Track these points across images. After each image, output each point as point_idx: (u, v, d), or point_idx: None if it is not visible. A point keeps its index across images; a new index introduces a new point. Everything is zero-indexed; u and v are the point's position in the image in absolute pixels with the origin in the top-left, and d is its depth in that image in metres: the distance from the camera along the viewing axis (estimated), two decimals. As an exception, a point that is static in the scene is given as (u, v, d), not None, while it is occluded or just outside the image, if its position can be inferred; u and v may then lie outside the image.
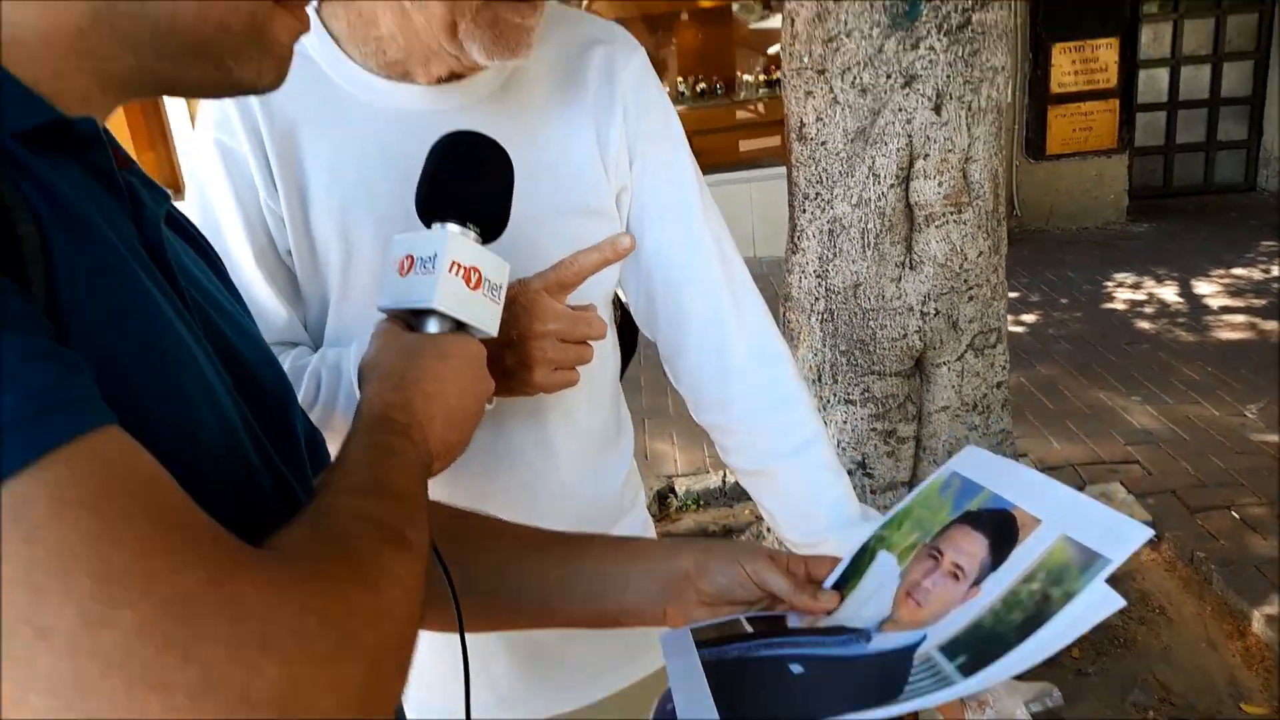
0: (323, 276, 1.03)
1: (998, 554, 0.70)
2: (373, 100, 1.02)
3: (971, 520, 0.75)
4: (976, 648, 0.64)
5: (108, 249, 0.53)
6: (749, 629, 0.80)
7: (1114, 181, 7.25)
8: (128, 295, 0.53)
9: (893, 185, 2.36)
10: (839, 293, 2.50)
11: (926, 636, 0.68)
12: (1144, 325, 5.28)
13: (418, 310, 0.81)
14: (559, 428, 1.14)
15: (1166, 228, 7.18)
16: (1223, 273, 6.01)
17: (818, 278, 2.54)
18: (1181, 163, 7.92)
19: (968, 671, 0.62)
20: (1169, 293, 5.77)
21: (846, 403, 2.60)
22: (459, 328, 0.82)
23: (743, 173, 7.12)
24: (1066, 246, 6.91)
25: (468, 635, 0.78)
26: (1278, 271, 5.92)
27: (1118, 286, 5.98)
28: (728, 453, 1.21)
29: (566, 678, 1.20)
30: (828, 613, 0.81)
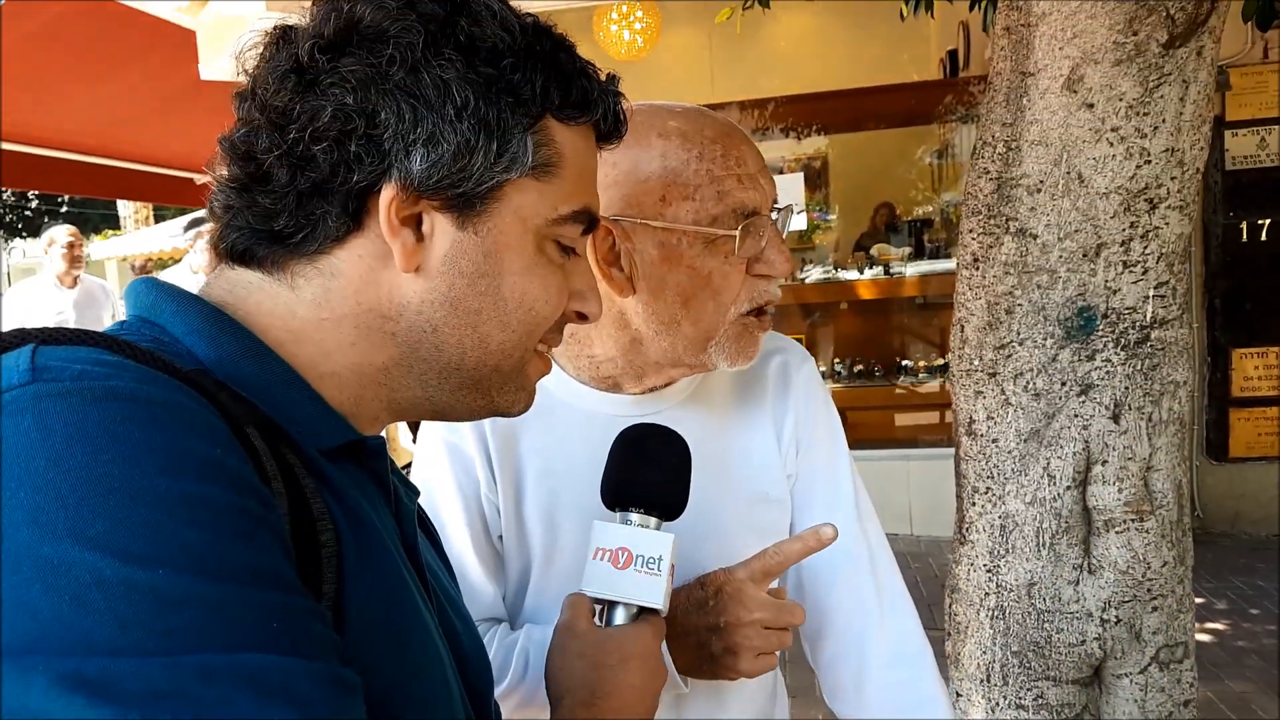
0: (527, 559, 1.16)
1: None
2: (583, 406, 1.18)
3: None
4: None
5: (384, 552, 0.63)
6: None
7: (1305, 486, 6.85)
8: (397, 600, 0.63)
9: (1069, 487, 2.36)
10: (1011, 590, 2.45)
11: None
12: (1349, 646, 4.82)
13: (631, 604, 0.88)
14: (733, 697, 1.20)
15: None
16: None
17: (988, 572, 2.50)
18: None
19: None
20: (1376, 612, 5.28)
21: (1018, 707, 2.48)
22: (641, 610, 0.88)
23: (901, 450, 7.10)
24: (1255, 553, 6.47)
25: None
26: None
27: (1315, 600, 5.51)
28: None
29: None
30: None
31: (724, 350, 1.10)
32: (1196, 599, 2.66)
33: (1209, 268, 6.42)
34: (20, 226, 16.63)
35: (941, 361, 6.65)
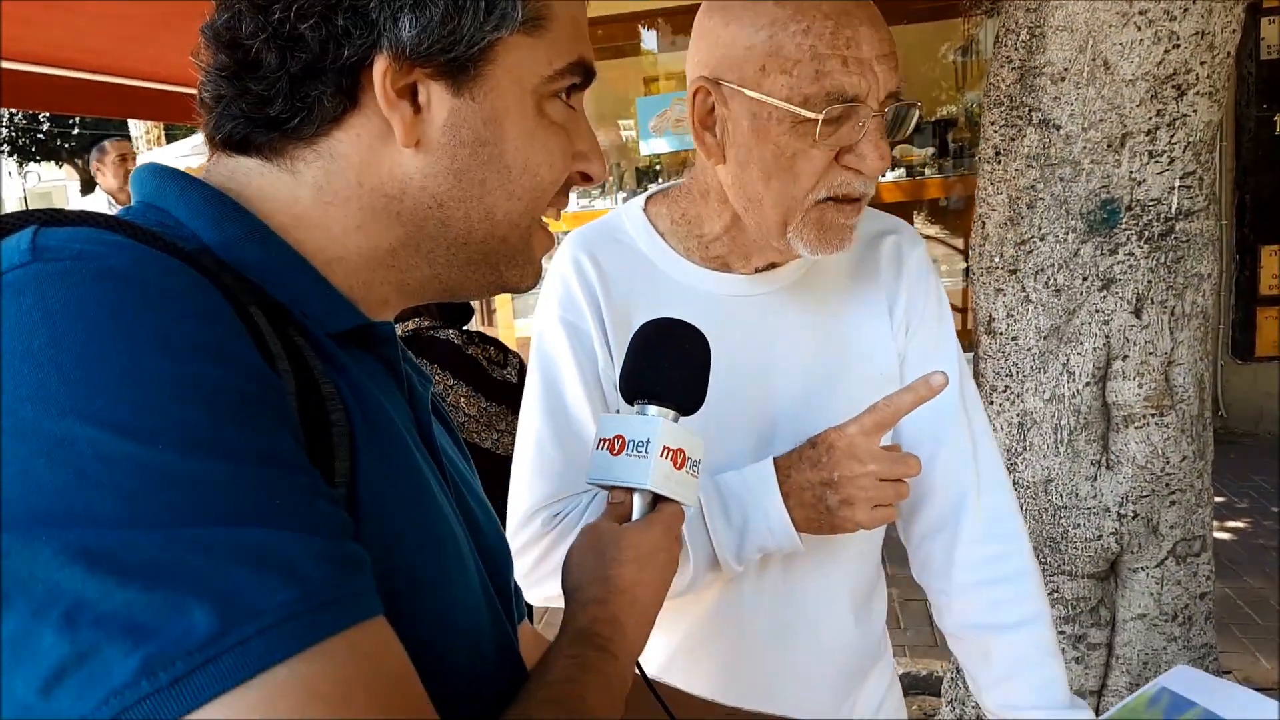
0: None
1: None
2: (694, 285, 1.18)
3: None
4: None
5: (398, 437, 0.63)
6: None
7: (1330, 385, 6.80)
8: (412, 482, 0.63)
9: (1088, 384, 2.35)
10: (1028, 487, 2.46)
11: None
12: (1369, 541, 4.83)
13: (627, 487, 0.88)
14: (843, 570, 1.24)
15: (1393, 437, 6.62)
16: None
17: (1005, 470, 2.51)
18: None
19: None
20: (1398, 508, 5.28)
21: (1035, 602, 2.51)
22: (657, 499, 0.88)
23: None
24: (1277, 452, 6.47)
25: None
26: None
27: (1336, 498, 5.52)
28: (942, 615, 1.25)
29: None
30: None
31: (801, 236, 1.08)
32: (1218, 498, 2.68)
33: (1240, 162, 6.27)
34: (34, 150, 16.61)
35: (964, 266, 6.58)
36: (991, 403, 2.51)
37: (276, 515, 0.47)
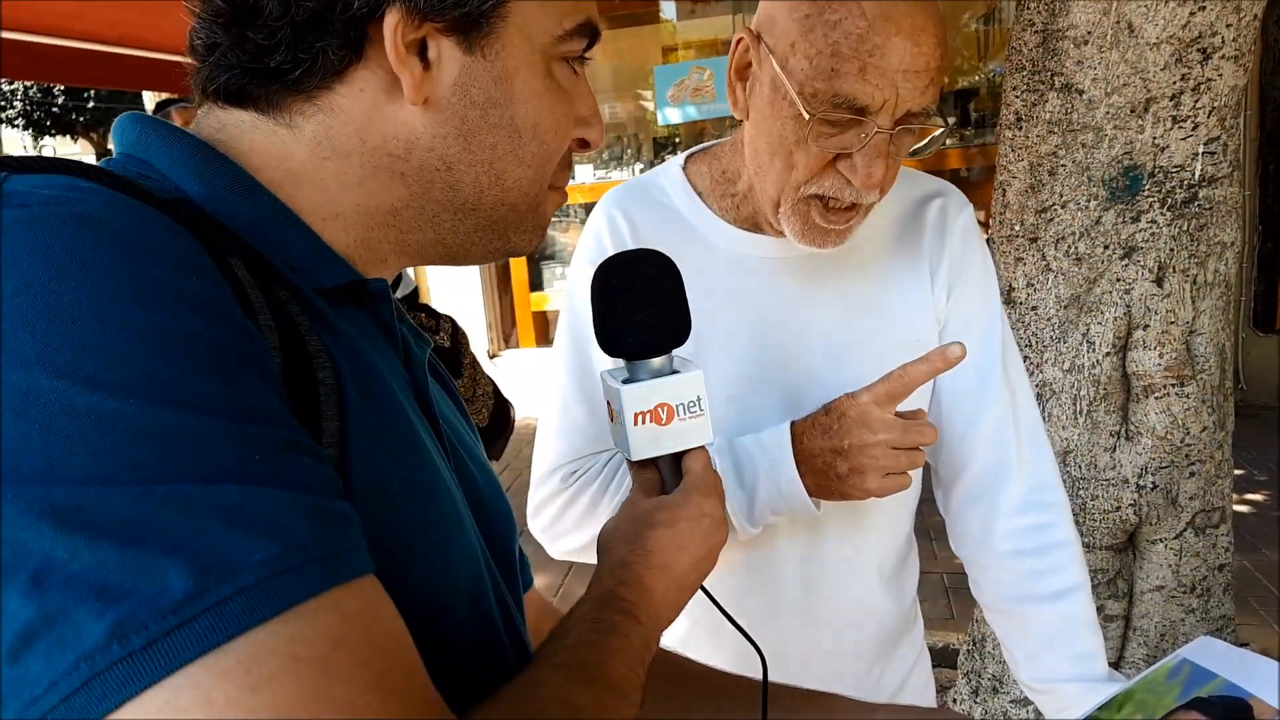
0: None
1: None
2: (728, 246, 1.16)
3: (1201, 706, 0.73)
4: None
5: (391, 397, 0.61)
6: None
7: (1353, 358, 6.72)
8: (406, 443, 0.61)
9: (1109, 353, 2.32)
10: (1047, 459, 2.44)
11: None
12: (1390, 516, 4.79)
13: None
14: (871, 541, 1.21)
15: None
16: None
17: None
18: None
19: None
20: None
21: (1052, 573, 2.50)
22: (679, 454, 0.82)
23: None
24: (1298, 425, 6.41)
25: None
26: None
27: (1358, 471, 5.47)
28: (980, 588, 1.23)
29: None
30: None
31: (788, 222, 1.06)
32: (1237, 470, 2.65)
33: (1264, 131, 6.17)
34: (49, 123, 16.59)
35: (985, 237, 6.53)
36: (1010, 373, 2.49)
37: (256, 471, 0.45)
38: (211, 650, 0.40)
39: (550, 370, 1.21)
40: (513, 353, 7.73)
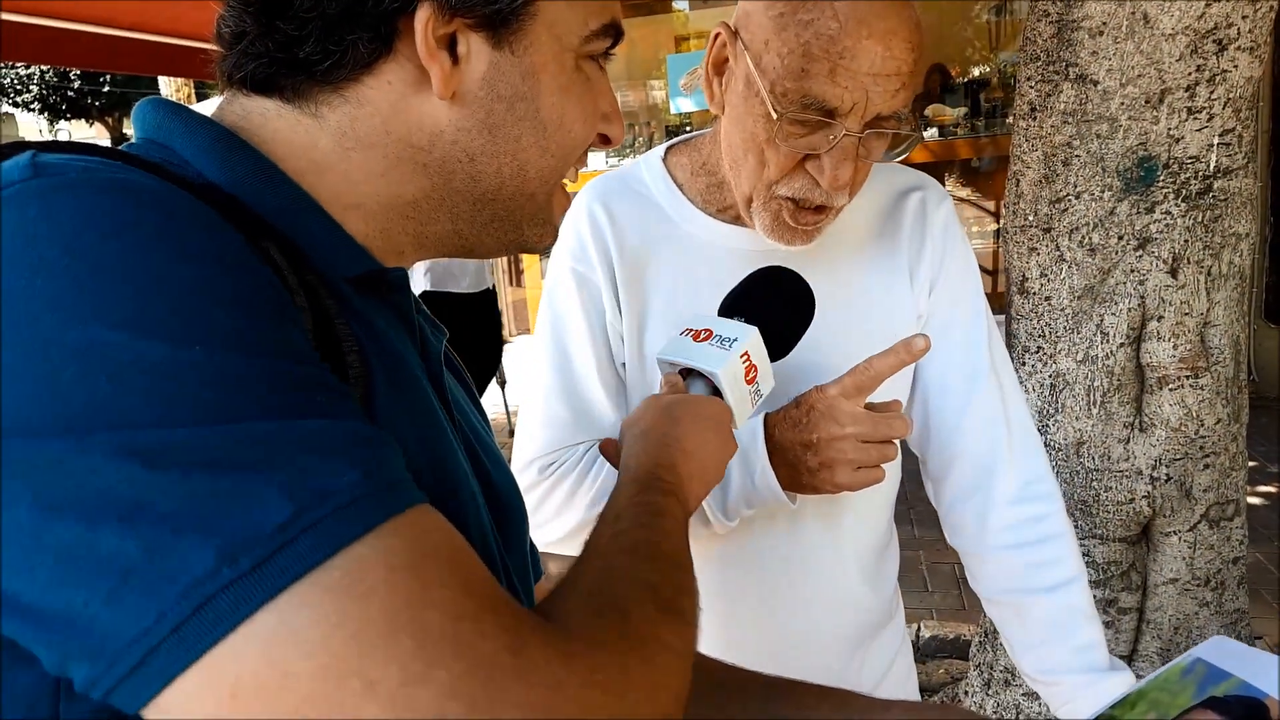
0: (649, 384, 1.17)
1: None
2: (707, 238, 1.16)
3: (1216, 706, 0.73)
4: None
5: (411, 379, 0.62)
6: None
7: (1366, 351, 6.67)
8: (425, 422, 0.62)
9: (1122, 345, 2.32)
10: (1060, 449, 2.44)
11: None
12: (1404, 509, 4.77)
13: (693, 370, 0.91)
14: (850, 531, 1.22)
15: None
16: None
17: (1037, 432, 2.48)
18: None
19: None
20: None
21: (1063, 565, 2.50)
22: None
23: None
24: (1311, 417, 6.37)
25: None
26: None
27: (1372, 464, 5.44)
28: (977, 579, 1.23)
29: None
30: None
31: (760, 218, 1.07)
32: (1250, 462, 2.64)
33: (1277, 123, 6.12)
34: (64, 108, 16.65)
35: (995, 227, 6.49)
36: (1024, 364, 2.48)
37: (324, 407, 0.46)
38: (315, 567, 0.41)
39: (534, 364, 1.22)
40: (524, 338, 7.76)
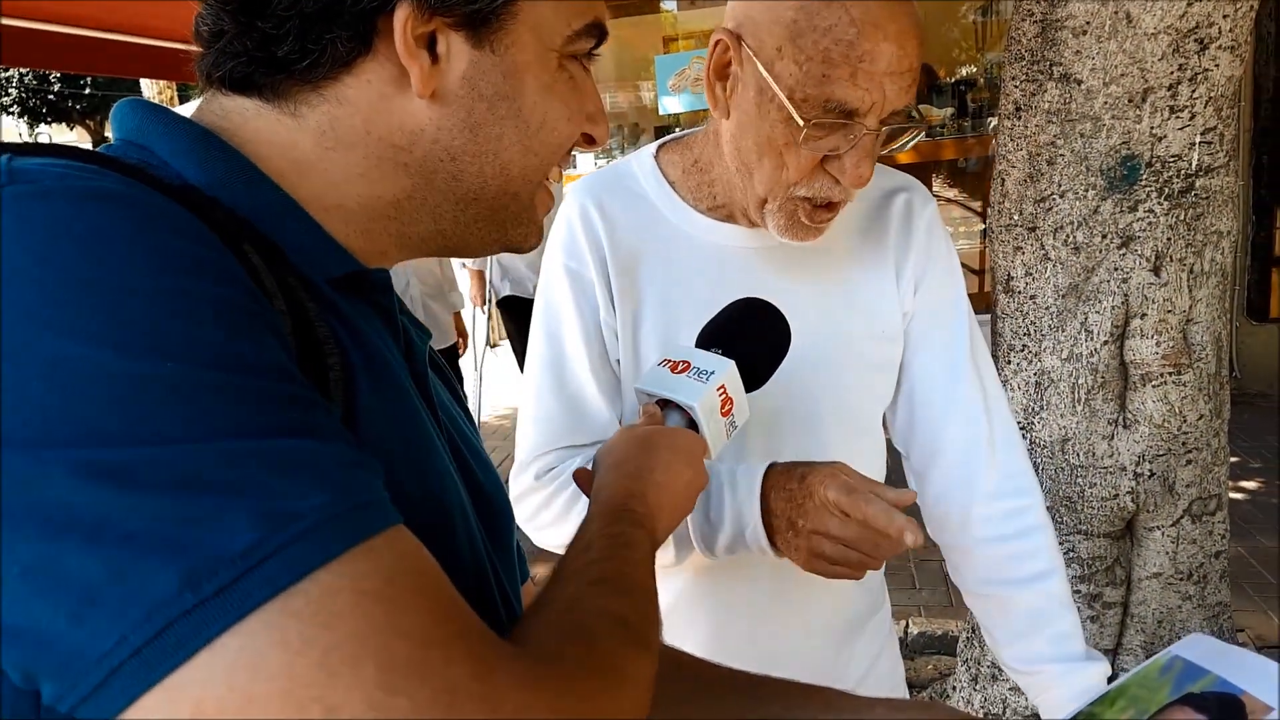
0: None
1: None
2: (700, 236, 1.17)
3: (1193, 702, 0.73)
4: None
5: (394, 380, 0.62)
6: None
7: (1347, 348, 6.74)
8: (409, 423, 0.62)
9: (1106, 342, 2.34)
10: (1045, 446, 2.46)
11: None
12: (1383, 503, 4.82)
13: (670, 402, 0.93)
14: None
15: None
16: None
17: (1022, 430, 2.51)
18: None
19: None
20: None
21: (1049, 560, 2.52)
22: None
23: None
24: (1292, 413, 6.44)
25: None
26: None
27: (1351, 459, 5.49)
28: (958, 571, 1.25)
29: None
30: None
31: (774, 219, 1.08)
32: (1232, 458, 2.68)
33: (1258, 122, 6.17)
34: (45, 111, 16.50)
35: (982, 227, 6.52)
36: (1009, 361, 2.50)
37: (296, 425, 0.45)
38: (281, 592, 0.41)
39: (528, 361, 1.22)
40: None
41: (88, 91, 16.41)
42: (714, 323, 0.98)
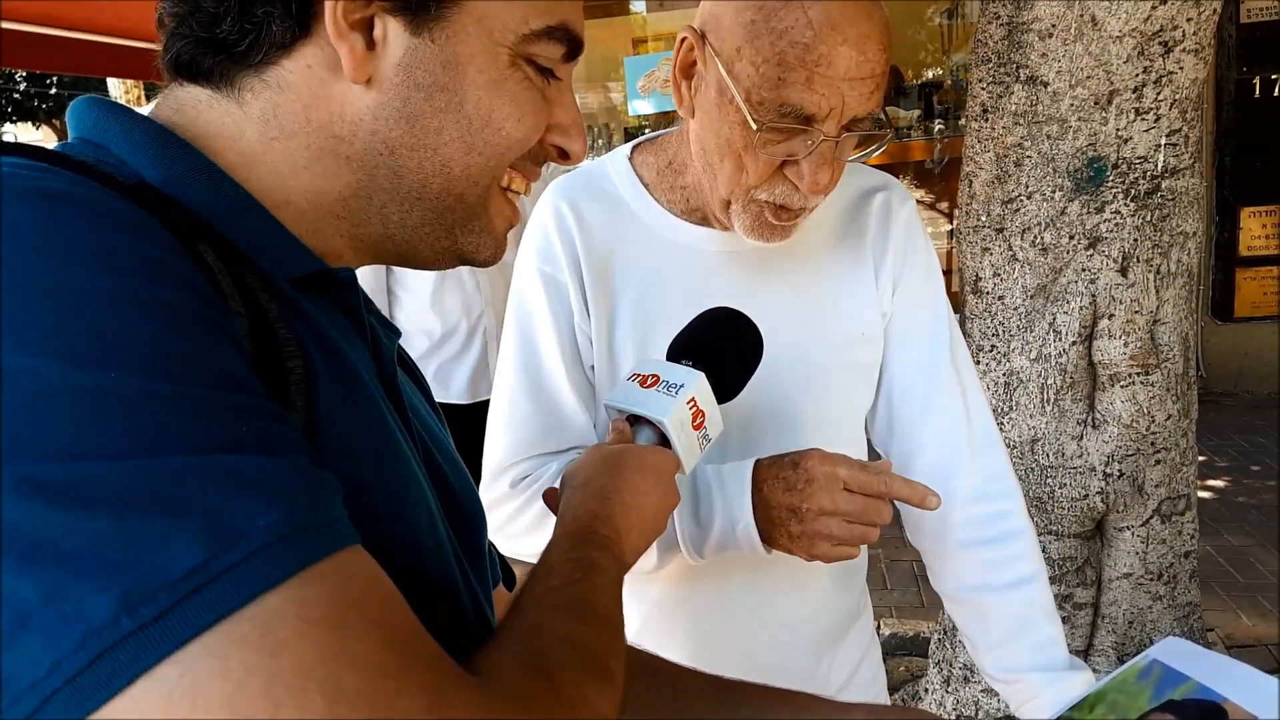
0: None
1: None
2: (675, 239, 1.15)
3: (1175, 709, 0.72)
4: None
5: (359, 383, 0.60)
6: None
7: (1309, 346, 6.85)
8: (374, 426, 0.60)
9: (1075, 342, 2.35)
10: (1014, 446, 2.47)
11: None
12: (1347, 500, 4.89)
13: (640, 417, 0.91)
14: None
15: (1371, 397, 6.69)
16: None
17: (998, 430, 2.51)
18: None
19: None
20: (1375, 467, 5.34)
21: (1019, 561, 2.53)
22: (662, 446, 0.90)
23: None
24: (1256, 411, 6.52)
25: None
26: None
27: (1315, 457, 5.57)
28: (938, 577, 1.23)
29: None
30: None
31: (739, 220, 1.06)
32: (1199, 457, 2.70)
33: (1220, 124, 6.26)
34: (10, 110, 16.25)
35: (949, 228, 6.57)
36: (978, 362, 2.51)
37: (245, 439, 0.43)
38: (225, 618, 0.39)
39: (500, 365, 1.20)
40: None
41: (54, 91, 16.19)
42: (683, 334, 0.97)
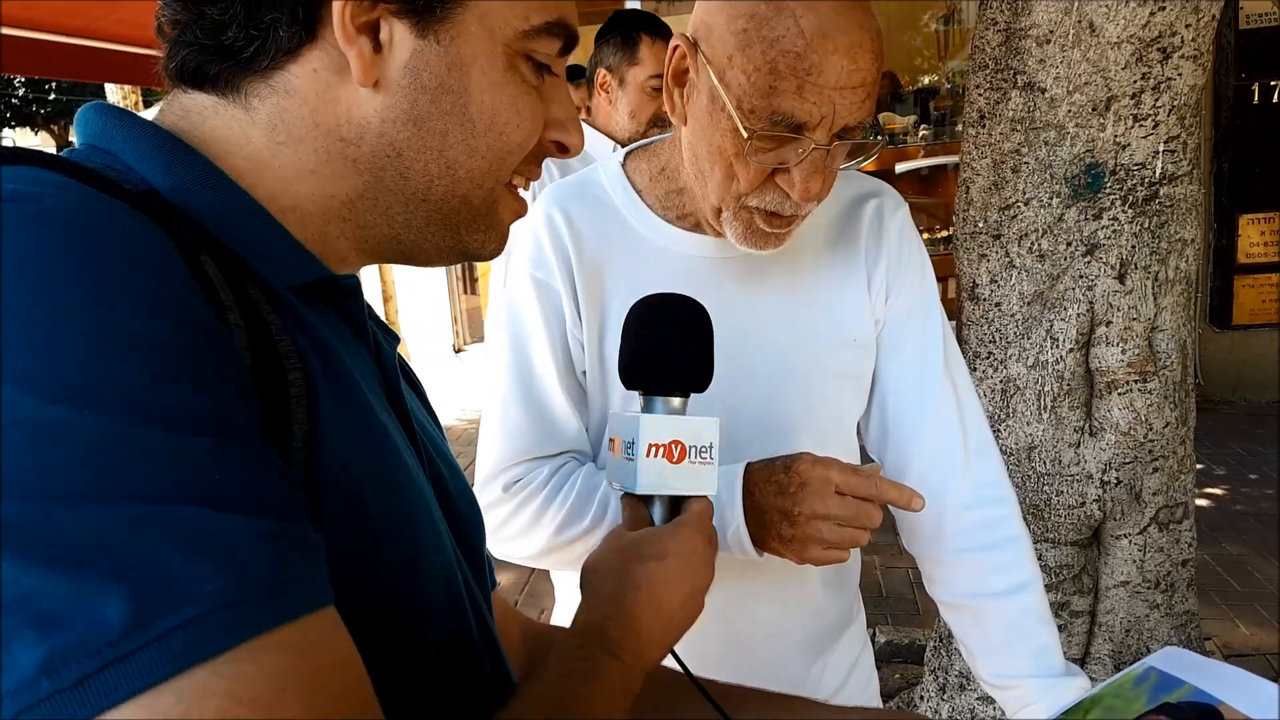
0: (608, 393, 1.16)
1: None
2: (667, 245, 1.15)
3: (1170, 712, 0.72)
4: None
5: (361, 395, 0.60)
6: None
7: (1307, 353, 6.85)
8: (378, 441, 0.60)
9: (1072, 350, 2.34)
10: (1011, 454, 2.45)
11: None
12: (1345, 508, 4.88)
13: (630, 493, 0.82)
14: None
15: (1368, 404, 6.69)
16: None
17: (993, 437, 2.50)
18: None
19: None
20: (1373, 474, 5.34)
21: (1017, 569, 2.51)
22: (677, 497, 0.81)
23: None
24: (1255, 419, 6.52)
25: None
26: None
27: (1313, 464, 5.57)
28: (934, 583, 1.23)
29: None
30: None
31: (731, 227, 1.06)
32: (1196, 464, 2.68)
33: (1219, 130, 6.27)
34: (9, 116, 16.26)
35: (945, 234, 6.57)
36: (975, 369, 2.50)
37: (214, 492, 0.42)
38: (147, 690, 0.37)
39: (494, 372, 1.19)
40: (477, 347, 7.70)
41: (52, 96, 16.21)
42: (623, 352, 0.85)
